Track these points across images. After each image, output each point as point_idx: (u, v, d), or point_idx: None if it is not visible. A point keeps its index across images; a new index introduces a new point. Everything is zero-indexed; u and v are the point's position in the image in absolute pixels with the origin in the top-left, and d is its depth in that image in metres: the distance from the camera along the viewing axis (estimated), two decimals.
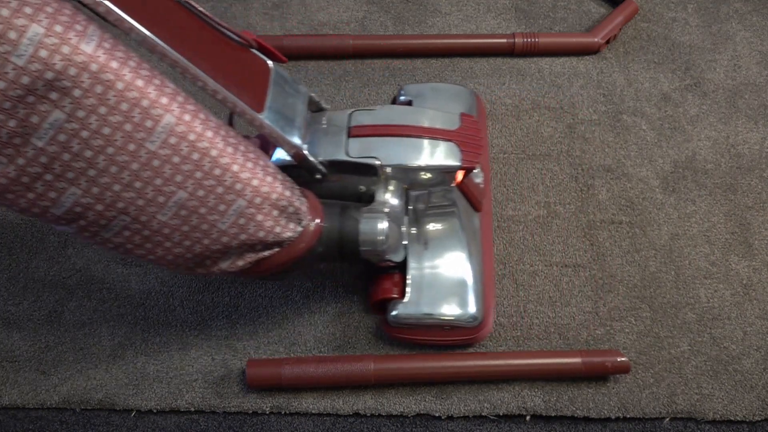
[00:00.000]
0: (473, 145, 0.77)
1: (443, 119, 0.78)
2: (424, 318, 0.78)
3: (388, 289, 0.79)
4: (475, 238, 0.83)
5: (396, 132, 0.76)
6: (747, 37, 1.07)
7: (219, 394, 0.81)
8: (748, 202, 0.93)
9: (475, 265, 0.81)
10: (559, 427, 0.79)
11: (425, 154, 0.75)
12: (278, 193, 0.66)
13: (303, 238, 0.70)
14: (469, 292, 0.79)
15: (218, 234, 0.65)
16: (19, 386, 0.82)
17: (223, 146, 0.62)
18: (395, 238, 0.74)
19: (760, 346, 0.84)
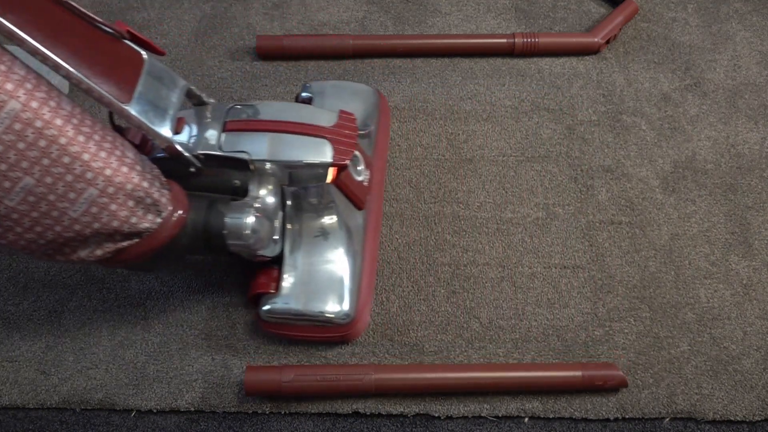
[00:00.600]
0: (346, 143, 0.77)
1: (319, 116, 0.78)
2: (295, 314, 0.79)
3: (264, 284, 0.80)
4: (354, 237, 0.83)
5: (268, 128, 0.76)
6: (747, 37, 1.07)
7: (219, 394, 0.81)
8: (748, 202, 0.93)
9: (352, 262, 0.81)
10: (559, 427, 0.79)
11: (295, 150, 0.75)
12: (134, 183, 0.66)
13: (163, 230, 0.70)
14: (343, 290, 0.80)
15: (70, 222, 0.65)
16: (19, 386, 0.82)
17: (74, 135, 0.62)
18: (265, 233, 0.75)
19: (760, 346, 0.84)
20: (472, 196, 0.93)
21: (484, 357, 0.83)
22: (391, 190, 0.93)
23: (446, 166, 0.95)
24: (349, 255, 0.81)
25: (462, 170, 0.95)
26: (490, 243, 0.90)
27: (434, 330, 0.85)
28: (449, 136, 0.97)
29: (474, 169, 0.95)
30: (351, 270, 0.81)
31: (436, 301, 0.86)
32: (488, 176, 0.94)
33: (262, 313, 0.80)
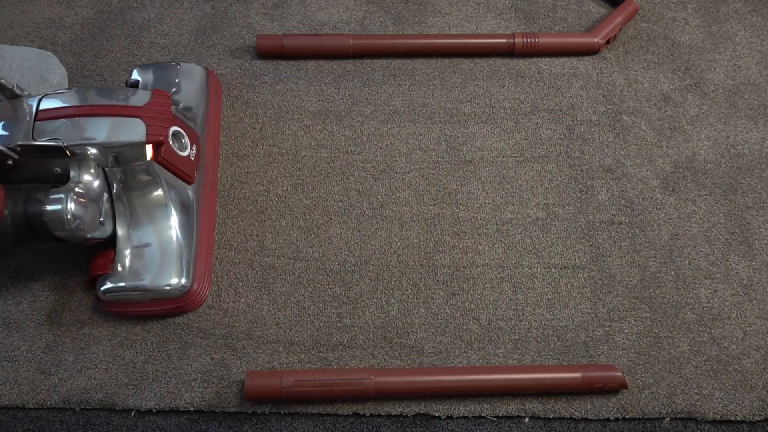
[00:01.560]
0: (160, 120, 0.79)
1: (132, 97, 0.80)
2: (132, 290, 0.80)
3: (101, 265, 0.81)
4: (185, 211, 0.84)
5: (81, 112, 0.78)
6: (747, 37, 1.06)
7: (218, 393, 0.81)
8: (748, 202, 0.93)
9: (186, 235, 0.83)
10: (559, 427, 0.79)
11: (108, 131, 0.77)
12: None
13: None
14: (177, 262, 0.81)
15: None
16: (19, 386, 0.82)
17: None
18: (90, 216, 0.76)
19: (760, 346, 0.84)
20: (472, 197, 0.93)
21: (483, 358, 0.83)
22: (391, 193, 0.93)
23: (446, 168, 0.95)
24: (182, 228, 0.83)
25: (462, 172, 0.95)
26: (490, 244, 0.90)
27: (434, 332, 0.84)
28: (449, 139, 0.97)
29: (474, 171, 0.95)
30: (185, 243, 0.83)
31: (436, 303, 0.86)
32: (488, 177, 0.94)
33: (100, 293, 0.81)
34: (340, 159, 0.96)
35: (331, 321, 0.85)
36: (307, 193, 0.93)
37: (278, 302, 0.86)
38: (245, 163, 0.95)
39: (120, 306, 0.83)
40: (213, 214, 0.90)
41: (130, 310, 0.83)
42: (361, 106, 1.00)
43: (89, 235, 0.77)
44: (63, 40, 1.05)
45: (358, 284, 0.87)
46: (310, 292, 0.87)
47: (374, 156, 0.96)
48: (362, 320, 0.85)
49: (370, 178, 0.94)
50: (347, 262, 0.89)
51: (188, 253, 0.83)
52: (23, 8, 1.09)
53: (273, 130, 0.98)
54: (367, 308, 0.86)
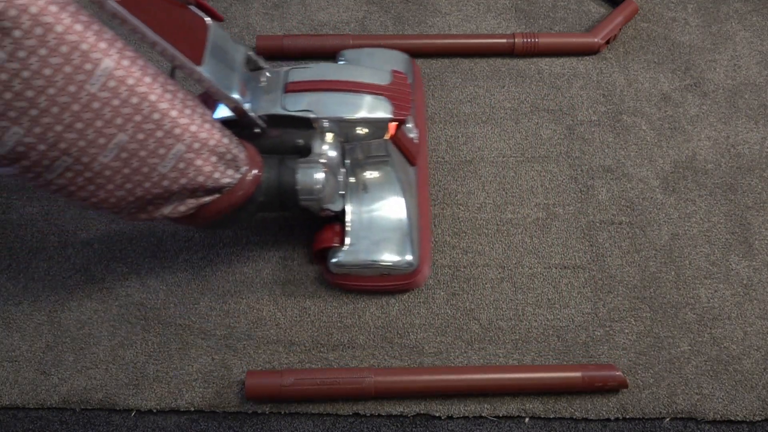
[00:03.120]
0: (403, 99, 0.80)
1: (375, 75, 0.82)
2: (362, 264, 0.82)
3: (328, 238, 0.83)
4: (410, 190, 0.86)
5: (329, 86, 0.80)
6: (747, 37, 1.07)
7: (219, 394, 0.81)
8: (748, 202, 0.93)
9: (411, 214, 0.84)
10: (559, 427, 0.80)
11: (357, 107, 0.79)
12: (216, 139, 0.69)
13: (242, 186, 0.73)
14: (405, 239, 0.83)
15: (159, 177, 0.67)
16: (19, 386, 0.82)
17: (162, 92, 0.64)
18: (332, 188, 0.78)
19: (761, 346, 0.84)
20: (472, 197, 0.93)
21: (483, 358, 0.83)
22: None
23: (446, 168, 0.95)
24: (408, 207, 0.84)
25: (462, 172, 0.95)
26: (490, 244, 0.90)
27: (434, 332, 0.85)
28: (449, 139, 0.97)
29: (474, 171, 0.95)
30: (410, 221, 0.84)
31: (436, 303, 0.86)
32: (488, 177, 0.94)
33: (331, 265, 0.82)
34: None
35: (331, 321, 0.85)
36: None
37: (279, 302, 0.86)
38: None
39: (348, 279, 0.84)
40: (428, 197, 0.91)
41: (357, 283, 0.85)
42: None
43: (327, 206, 0.79)
44: None
45: None
46: (311, 293, 0.87)
47: None
48: (362, 320, 0.85)
49: None
50: None
51: (414, 231, 0.84)
52: None
53: None
54: (367, 308, 0.86)
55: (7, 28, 0.55)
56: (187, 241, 0.90)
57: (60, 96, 0.59)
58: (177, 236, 0.91)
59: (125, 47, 0.62)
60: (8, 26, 0.55)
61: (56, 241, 0.91)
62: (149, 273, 0.88)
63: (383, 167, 0.84)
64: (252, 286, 0.87)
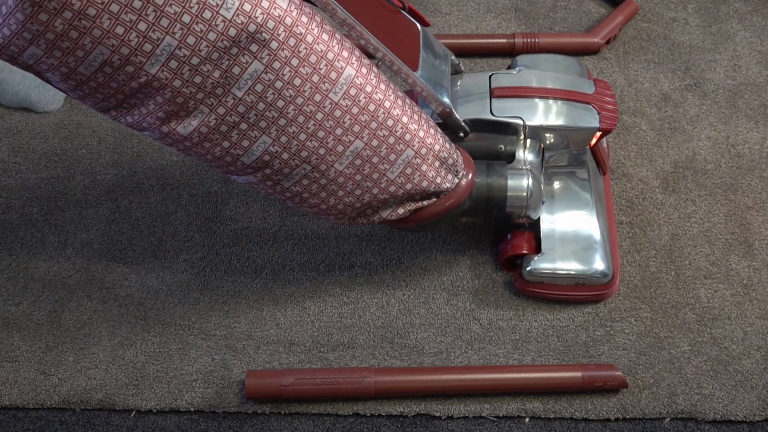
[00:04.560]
0: (610, 109, 0.81)
1: (580, 84, 0.82)
2: (557, 272, 0.82)
3: (519, 245, 0.82)
4: (600, 199, 0.86)
5: (537, 93, 0.80)
6: (747, 37, 1.07)
7: (219, 394, 0.81)
8: (748, 202, 0.93)
9: (603, 224, 0.84)
10: (559, 427, 0.79)
11: (566, 115, 0.79)
12: (440, 144, 0.70)
13: (458, 191, 0.74)
14: (599, 249, 0.82)
15: (387, 183, 0.69)
16: (19, 386, 0.82)
17: (395, 98, 0.66)
18: (537, 195, 0.79)
19: (761, 346, 0.84)
20: None
21: (483, 358, 0.83)
22: None
23: None
24: (600, 216, 0.84)
25: None
26: None
27: (434, 332, 0.84)
28: None
29: None
30: (602, 231, 0.83)
31: (436, 303, 0.86)
32: None
33: (525, 273, 0.82)
34: None
35: (332, 321, 0.85)
36: None
37: (278, 302, 0.86)
38: None
39: (541, 287, 0.84)
40: (613, 206, 0.91)
41: (550, 292, 0.84)
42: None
43: (529, 213, 0.79)
44: None
45: (358, 284, 0.87)
46: (311, 292, 0.87)
47: None
48: (362, 320, 0.85)
49: None
50: (348, 262, 0.89)
51: (606, 241, 0.83)
52: None
53: None
54: (367, 308, 0.86)
55: (265, 39, 0.57)
56: (187, 241, 0.90)
57: (306, 105, 0.61)
58: (177, 236, 0.91)
59: (362, 55, 0.64)
60: (266, 38, 0.57)
61: (56, 241, 0.90)
62: (149, 273, 0.88)
63: (578, 176, 0.84)
64: (252, 286, 0.87)
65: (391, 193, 0.70)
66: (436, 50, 0.79)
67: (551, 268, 0.82)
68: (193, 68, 0.57)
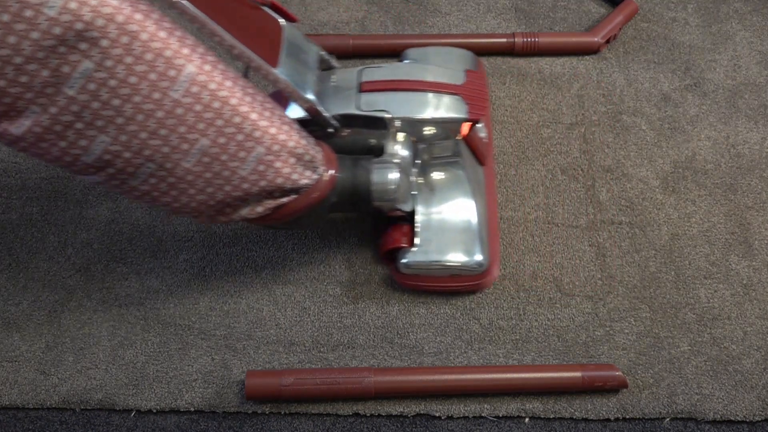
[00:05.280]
0: (478, 99, 0.81)
1: (449, 75, 0.82)
2: (432, 265, 0.81)
3: (397, 239, 0.82)
4: (480, 190, 0.86)
5: (405, 86, 0.80)
6: (747, 37, 1.07)
7: (219, 394, 0.81)
8: (748, 202, 0.93)
9: (481, 214, 0.84)
10: (559, 427, 0.79)
11: (432, 107, 0.79)
12: (295, 141, 0.69)
13: (318, 186, 0.73)
14: (475, 240, 0.82)
15: (239, 180, 0.68)
16: (19, 386, 0.82)
17: (242, 95, 0.65)
18: (405, 188, 0.78)
19: (761, 346, 0.84)
20: None
21: (483, 358, 0.83)
22: None
23: None
24: (477, 207, 0.84)
25: None
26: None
27: (434, 332, 0.84)
28: None
29: None
30: (479, 222, 0.83)
31: (436, 303, 0.86)
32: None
33: (401, 266, 0.82)
34: None
35: (332, 321, 0.85)
36: None
37: (278, 302, 0.86)
38: None
39: (417, 280, 0.84)
40: (496, 198, 0.91)
41: (426, 284, 0.84)
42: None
43: (399, 206, 0.79)
44: None
45: (358, 284, 0.87)
46: (311, 292, 0.87)
47: None
48: (362, 320, 0.85)
49: None
50: (347, 261, 0.89)
51: (483, 231, 0.83)
52: None
53: None
54: (367, 308, 0.86)
55: (95, 38, 0.55)
56: (187, 241, 0.90)
57: (145, 103, 0.60)
58: (177, 236, 0.91)
59: (207, 52, 0.63)
60: (96, 36, 0.55)
61: (56, 241, 0.91)
62: (149, 273, 0.88)
63: (454, 167, 0.84)
64: (252, 286, 0.87)
65: (245, 190, 0.69)
66: (302, 46, 0.78)
67: (425, 260, 0.81)
68: (17, 68, 0.55)
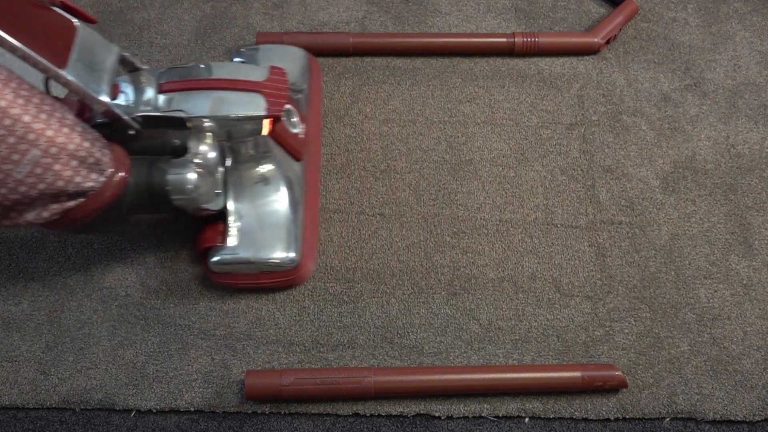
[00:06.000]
0: (278, 95, 0.81)
1: (251, 72, 0.82)
2: (242, 262, 0.82)
3: (211, 237, 0.83)
4: (294, 185, 0.86)
5: (202, 86, 0.80)
6: (747, 37, 1.06)
7: (218, 394, 0.81)
8: (748, 202, 0.93)
9: (294, 210, 0.84)
10: (559, 427, 0.80)
11: (230, 105, 0.79)
12: (76, 143, 0.68)
13: (108, 188, 0.72)
14: (286, 236, 0.83)
15: (15, 183, 0.67)
16: (19, 386, 0.82)
17: (13, 97, 0.64)
18: (208, 188, 0.78)
19: (760, 346, 0.84)
20: (472, 197, 0.93)
21: (483, 358, 0.83)
22: (391, 193, 0.93)
23: (446, 168, 0.95)
24: (291, 203, 0.84)
25: (462, 172, 0.95)
26: (490, 244, 0.90)
27: (434, 332, 0.85)
28: (449, 139, 0.97)
29: (474, 171, 0.95)
30: (293, 217, 0.84)
31: (436, 303, 0.86)
32: (488, 177, 0.94)
33: (212, 264, 0.82)
34: (340, 157, 0.96)
35: (331, 321, 0.85)
36: None
37: (278, 302, 0.86)
38: None
39: (230, 278, 0.84)
40: (317, 192, 0.92)
41: (239, 282, 0.85)
42: (361, 105, 1.00)
43: (205, 206, 0.79)
44: None
45: (358, 283, 0.87)
46: (310, 291, 0.87)
47: (374, 155, 0.96)
48: (362, 320, 0.85)
49: (370, 177, 0.94)
50: (347, 261, 0.89)
51: (297, 229, 0.84)
52: None
53: None
54: (367, 308, 0.86)
55: None
56: (188, 240, 0.90)
57: None
58: (177, 236, 0.91)
59: None
60: None
61: (56, 241, 0.91)
62: (149, 273, 0.88)
63: (265, 164, 0.84)
64: None
65: (23, 193, 0.67)
66: (98, 48, 0.76)
67: (233, 258, 0.82)
68: None
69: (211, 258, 0.82)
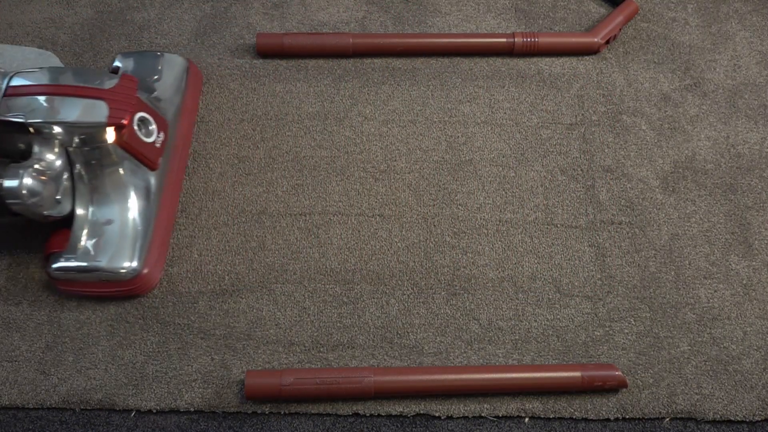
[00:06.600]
0: (123, 103, 0.81)
1: (99, 79, 0.82)
2: (83, 269, 0.82)
3: (56, 243, 0.83)
4: (144, 196, 0.86)
5: (48, 91, 0.80)
6: (747, 37, 1.06)
7: (218, 394, 0.81)
8: (748, 202, 0.93)
9: (142, 220, 0.84)
10: (559, 427, 0.79)
11: (72, 111, 0.79)
12: None
13: None
14: (129, 245, 0.83)
15: None
16: (19, 386, 0.82)
17: None
18: (48, 193, 0.78)
19: (760, 346, 0.84)
20: (472, 197, 0.93)
21: (483, 358, 0.83)
22: (391, 193, 0.93)
23: (446, 168, 0.95)
24: (140, 213, 0.84)
25: (462, 172, 0.95)
26: (490, 244, 0.90)
27: (434, 332, 0.84)
28: (449, 139, 0.97)
29: (474, 171, 0.95)
30: (141, 227, 0.84)
31: (436, 303, 0.86)
32: (488, 178, 0.94)
33: (52, 271, 0.82)
34: (340, 159, 0.96)
35: (331, 321, 0.85)
36: (307, 193, 0.93)
37: (278, 302, 0.86)
38: (245, 165, 0.95)
39: (70, 285, 0.84)
40: (176, 201, 0.91)
41: (79, 289, 0.84)
42: (361, 106, 1.00)
43: (46, 212, 0.79)
44: (63, 40, 1.05)
45: (358, 284, 0.87)
46: (310, 292, 0.87)
47: (374, 156, 0.96)
48: (362, 320, 0.85)
49: (370, 179, 0.94)
50: (347, 262, 0.89)
51: (143, 238, 0.84)
52: (23, 8, 1.09)
53: (273, 131, 0.98)
54: (367, 308, 0.86)
55: None
56: None
57: None
58: (177, 234, 0.91)
59: None
60: None
61: None
62: None
63: (112, 172, 0.83)
64: (251, 285, 0.87)
65: None
66: None
67: (71, 265, 0.82)
68: None
69: (51, 264, 0.82)
